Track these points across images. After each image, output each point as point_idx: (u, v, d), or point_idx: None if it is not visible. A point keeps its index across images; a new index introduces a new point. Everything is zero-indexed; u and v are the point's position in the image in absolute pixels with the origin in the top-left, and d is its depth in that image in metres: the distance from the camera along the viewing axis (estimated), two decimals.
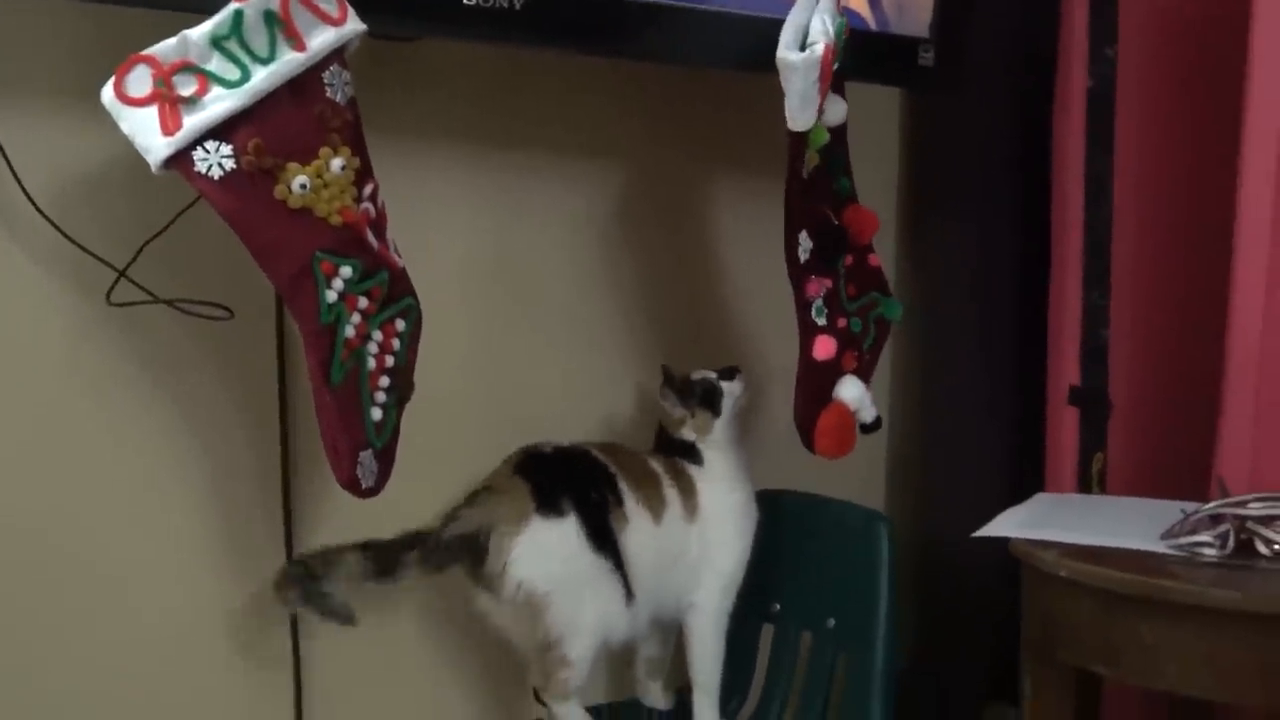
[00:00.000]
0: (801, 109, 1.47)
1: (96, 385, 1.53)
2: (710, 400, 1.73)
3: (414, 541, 1.54)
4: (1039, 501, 1.79)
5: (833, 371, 1.65)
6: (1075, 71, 1.95)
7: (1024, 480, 2.01)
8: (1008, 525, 1.61)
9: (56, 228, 1.44)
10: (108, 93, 1.24)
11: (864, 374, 1.71)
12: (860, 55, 1.62)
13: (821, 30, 1.48)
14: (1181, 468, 1.82)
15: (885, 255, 2.16)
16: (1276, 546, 1.40)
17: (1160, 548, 1.48)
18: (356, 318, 1.35)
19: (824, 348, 1.62)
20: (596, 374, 1.86)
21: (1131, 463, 1.98)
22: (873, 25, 1.69)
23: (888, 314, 1.76)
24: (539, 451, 1.66)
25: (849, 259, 1.69)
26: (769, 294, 1.64)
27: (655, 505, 1.68)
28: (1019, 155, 2.07)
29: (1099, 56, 1.94)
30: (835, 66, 1.51)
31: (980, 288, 2.12)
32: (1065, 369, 1.97)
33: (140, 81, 1.23)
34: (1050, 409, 1.99)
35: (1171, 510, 1.56)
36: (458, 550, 1.56)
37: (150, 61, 1.23)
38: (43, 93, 1.45)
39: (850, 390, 1.66)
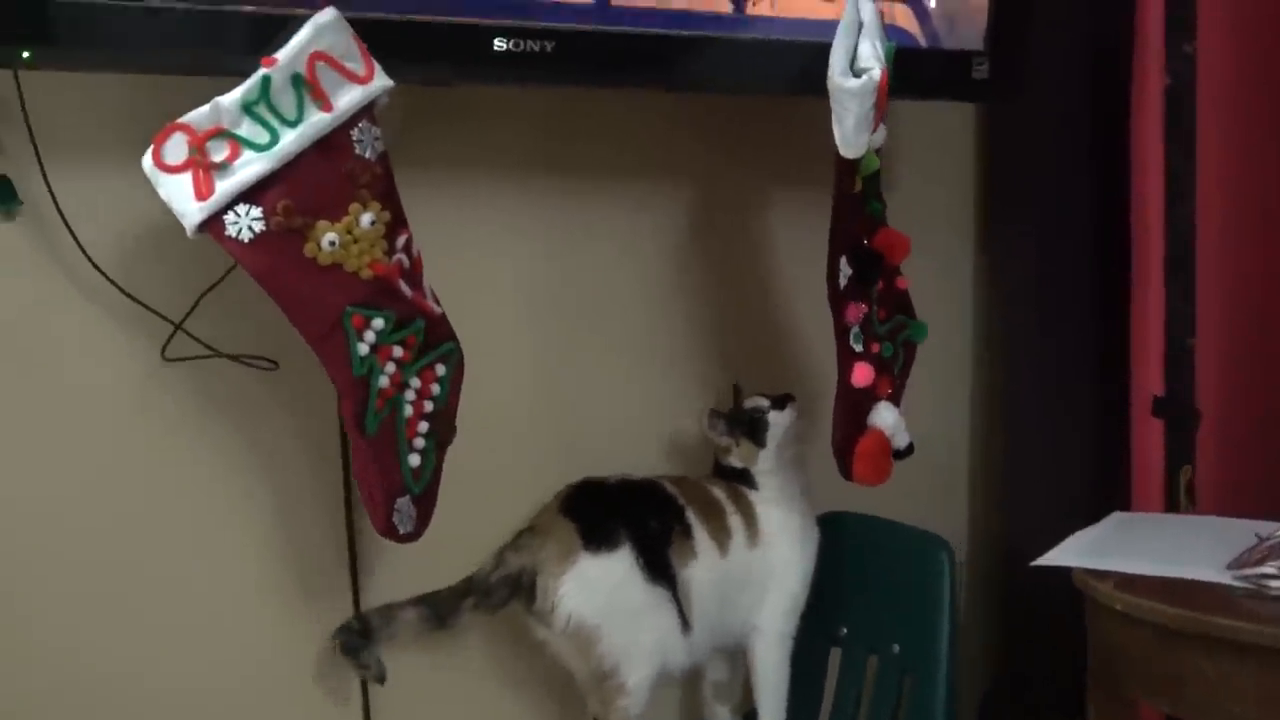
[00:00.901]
0: (856, 135, 1.45)
1: (163, 432, 1.58)
2: (754, 431, 1.73)
3: (467, 589, 1.60)
4: (1111, 523, 1.73)
5: (869, 398, 1.64)
6: (1151, 69, 1.88)
7: (1109, 494, 1.95)
8: (1069, 554, 1.57)
9: (112, 282, 1.50)
10: (147, 160, 1.28)
11: (897, 399, 1.69)
12: (909, 72, 1.59)
13: (874, 55, 1.45)
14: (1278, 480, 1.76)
15: (964, 266, 2.13)
16: None
17: (1226, 578, 1.42)
18: (391, 367, 1.38)
19: (862, 374, 1.60)
20: (662, 397, 1.86)
21: (1224, 475, 1.91)
22: (922, 41, 1.66)
23: (914, 336, 1.73)
24: (596, 484, 1.68)
25: (880, 283, 1.66)
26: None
27: (721, 537, 1.69)
28: (1096, 157, 2.00)
29: (1176, 53, 1.87)
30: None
31: (1060, 295, 2.06)
32: (1148, 378, 1.91)
33: (177, 148, 1.28)
34: (1134, 420, 1.93)
35: (1248, 534, 1.51)
36: (506, 592, 1.61)
37: (185, 129, 1.28)
38: (99, 154, 1.50)
39: (886, 417, 1.64)
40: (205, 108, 1.28)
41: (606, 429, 1.83)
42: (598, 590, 1.60)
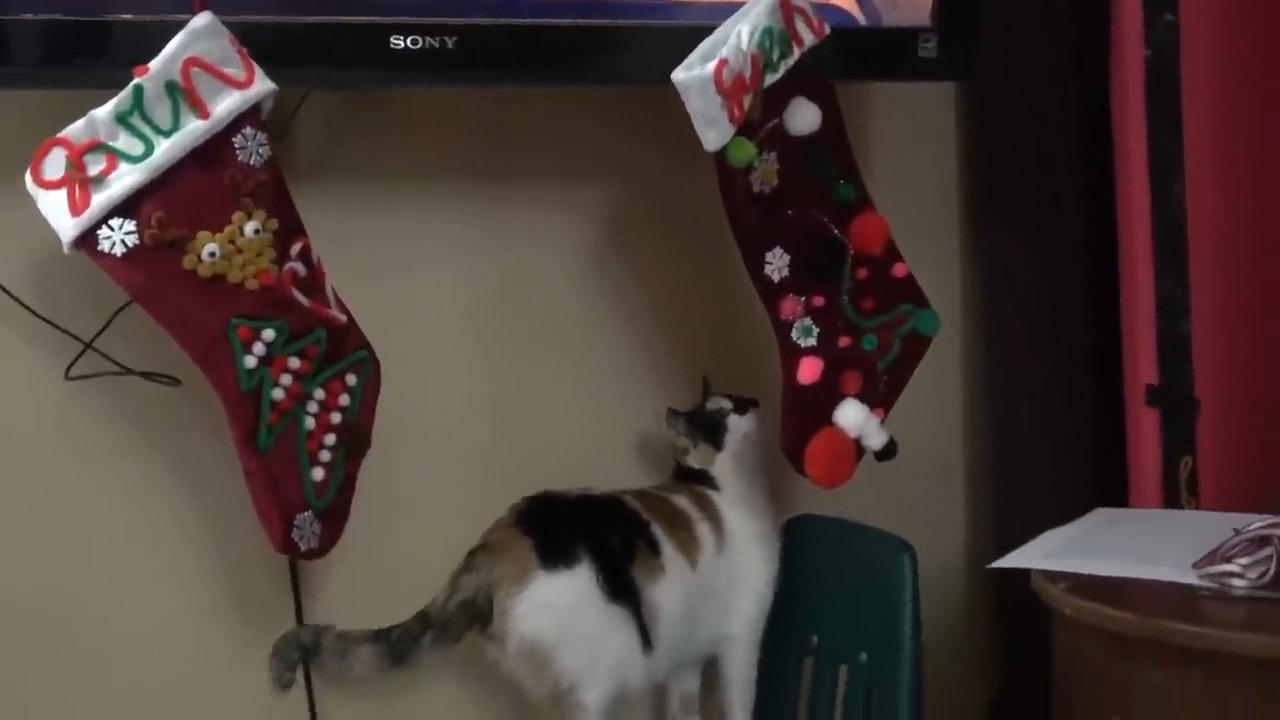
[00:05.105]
0: (707, 128, 1.39)
1: (80, 453, 1.55)
2: (713, 433, 1.66)
3: (424, 624, 1.52)
4: (1091, 520, 1.64)
5: (826, 394, 1.55)
6: (1130, 41, 1.79)
7: (1108, 489, 1.85)
8: (1030, 555, 1.49)
9: (21, 303, 1.48)
10: (28, 176, 1.26)
11: (875, 396, 1.59)
12: (845, 53, 1.52)
13: (733, 45, 1.39)
14: None
15: (949, 256, 2.03)
16: None
17: (1192, 578, 1.33)
18: (287, 379, 1.34)
19: (809, 370, 1.52)
20: (623, 403, 1.79)
21: (1229, 467, 1.81)
22: (861, 20, 1.58)
23: (922, 327, 1.63)
24: (553, 498, 1.61)
25: (862, 272, 1.57)
26: None
27: (691, 550, 1.63)
28: (1083, 138, 1.90)
29: (1156, 23, 1.77)
30: (770, 77, 1.42)
31: (1052, 283, 1.96)
32: (1141, 367, 1.81)
33: (55, 164, 1.25)
34: (1129, 410, 1.83)
35: (1228, 529, 1.40)
36: (464, 618, 1.53)
37: (64, 143, 1.25)
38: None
39: (850, 415, 1.55)
40: (82, 121, 1.26)
41: (567, 438, 1.77)
42: (555, 610, 1.53)
